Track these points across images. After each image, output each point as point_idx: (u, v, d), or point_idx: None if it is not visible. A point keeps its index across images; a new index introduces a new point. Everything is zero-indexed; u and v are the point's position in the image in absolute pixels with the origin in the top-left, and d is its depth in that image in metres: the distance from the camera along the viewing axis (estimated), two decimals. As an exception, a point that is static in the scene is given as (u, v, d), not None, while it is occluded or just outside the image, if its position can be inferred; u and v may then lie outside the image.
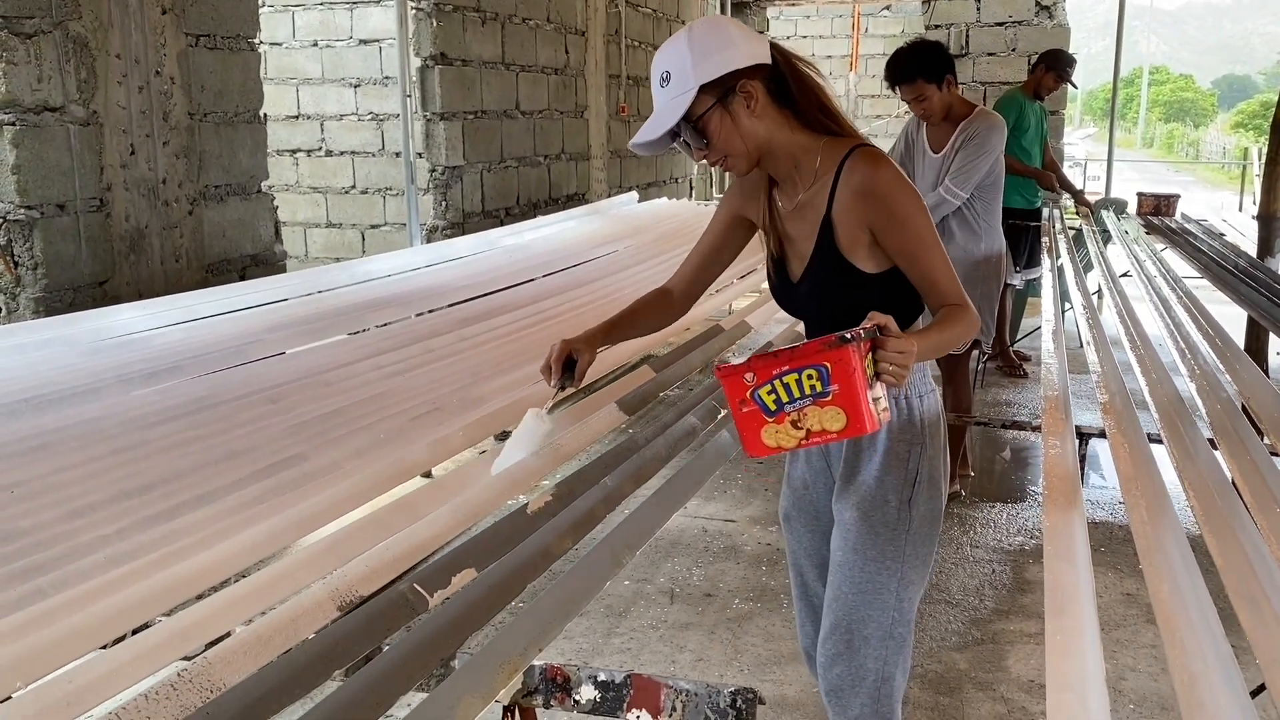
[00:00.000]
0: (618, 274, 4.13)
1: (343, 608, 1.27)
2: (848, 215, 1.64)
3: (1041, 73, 5.43)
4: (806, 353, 1.37)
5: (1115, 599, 3.24)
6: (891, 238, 1.63)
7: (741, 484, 4.29)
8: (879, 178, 1.62)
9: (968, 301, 1.65)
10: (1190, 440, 1.90)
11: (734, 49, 1.60)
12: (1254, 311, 3.49)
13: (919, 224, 1.62)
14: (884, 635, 1.72)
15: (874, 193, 1.61)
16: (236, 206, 3.85)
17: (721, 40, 1.60)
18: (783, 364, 1.38)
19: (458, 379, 2.52)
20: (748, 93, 1.61)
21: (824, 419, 1.40)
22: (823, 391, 1.38)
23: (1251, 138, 30.04)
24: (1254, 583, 1.31)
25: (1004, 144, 3.71)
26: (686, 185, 9.45)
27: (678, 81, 1.61)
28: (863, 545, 1.72)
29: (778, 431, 1.42)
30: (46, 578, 1.36)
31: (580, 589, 1.39)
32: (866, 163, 1.63)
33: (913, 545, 1.73)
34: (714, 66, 1.59)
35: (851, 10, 13.34)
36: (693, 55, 1.59)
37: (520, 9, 6.07)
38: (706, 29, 1.63)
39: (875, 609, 1.72)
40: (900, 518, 1.72)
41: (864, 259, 1.66)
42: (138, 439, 1.97)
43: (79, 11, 3.14)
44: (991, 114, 3.73)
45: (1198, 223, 6.54)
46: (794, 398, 1.39)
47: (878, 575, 1.72)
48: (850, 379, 1.37)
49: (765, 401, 1.41)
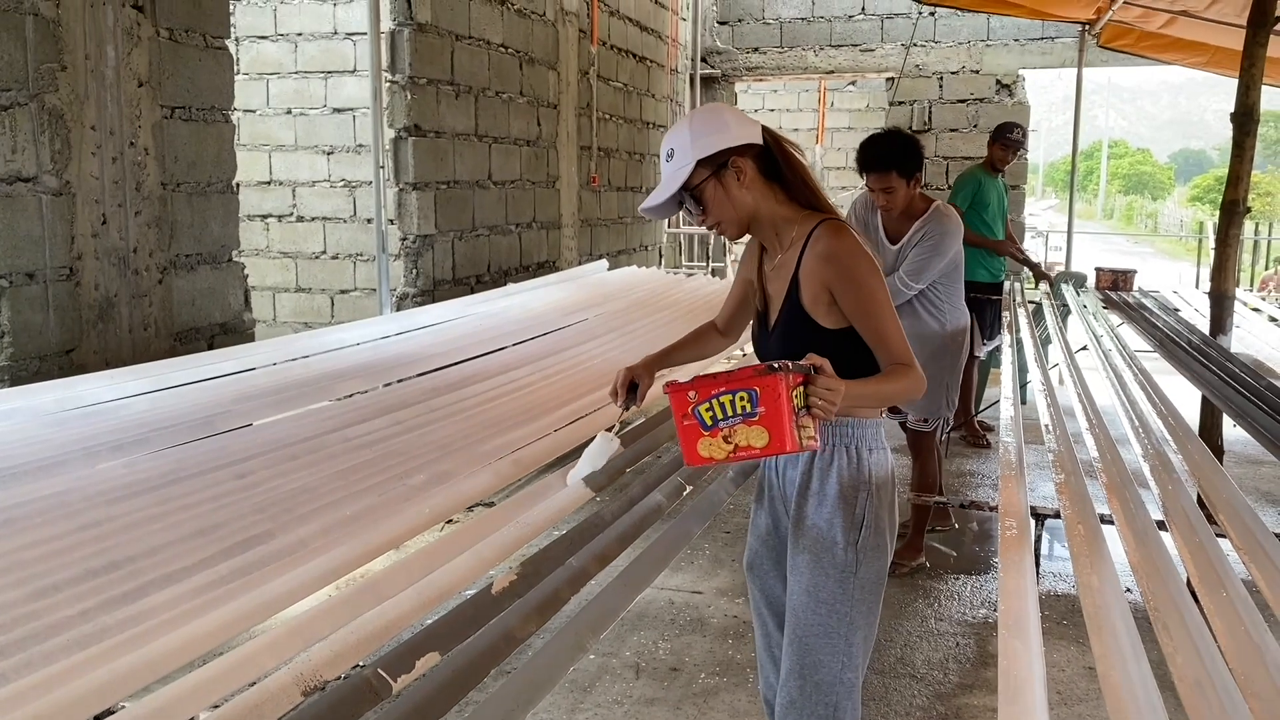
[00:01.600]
0: (588, 342, 4.17)
1: (307, 692, 1.28)
2: (811, 276, 1.88)
3: (990, 146, 5.63)
4: (741, 377, 1.60)
5: (1077, 672, 3.27)
6: (847, 299, 1.86)
7: (709, 554, 4.30)
8: (839, 246, 1.87)
9: (914, 362, 1.85)
10: (1141, 523, 1.95)
11: (728, 131, 1.89)
12: (1206, 390, 3.58)
13: (871, 287, 1.86)
14: (834, 680, 1.89)
15: (834, 258, 1.86)
16: (207, 275, 3.87)
17: (717, 124, 1.89)
18: (720, 385, 1.61)
19: (426, 452, 2.53)
20: (738, 167, 1.89)
21: (750, 436, 1.61)
22: (751, 412, 1.60)
23: (1207, 211, 30.82)
24: (1199, 666, 1.35)
25: (959, 241, 3.80)
26: (656, 253, 9.56)
27: (679, 157, 1.89)
28: (814, 587, 1.90)
29: (711, 444, 1.63)
30: (9, 661, 1.36)
31: (544, 676, 1.40)
32: (830, 233, 1.88)
33: (860, 590, 1.90)
34: (709, 144, 1.87)
35: (817, 86, 13.66)
36: (692, 135, 1.88)
37: (494, 82, 6.18)
38: (705, 115, 1.92)
39: (827, 654, 1.89)
40: (848, 559, 1.90)
41: (823, 316, 1.89)
42: (104, 514, 1.96)
43: (56, 84, 3.19)
44: (949, 214, 3.79)
45: (1153, 296, 6.70)
46: (727, 415, 1.61)
47: (828, 618, 1.90)
48: (776, 403, 1.58)
49: (703, 417, 1.62)
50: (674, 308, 5.20)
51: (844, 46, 10.03)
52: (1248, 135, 4.16)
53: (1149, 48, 7.67)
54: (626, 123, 8.54)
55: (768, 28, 10.26)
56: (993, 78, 9.73)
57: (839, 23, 10.03)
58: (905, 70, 9.64)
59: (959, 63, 9.78)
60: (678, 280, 6.51)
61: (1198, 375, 3.69)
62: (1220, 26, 6.20)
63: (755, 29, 10.31)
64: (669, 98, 9.68)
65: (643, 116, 8.95)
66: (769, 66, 10.33)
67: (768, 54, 10.27)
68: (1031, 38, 9.56)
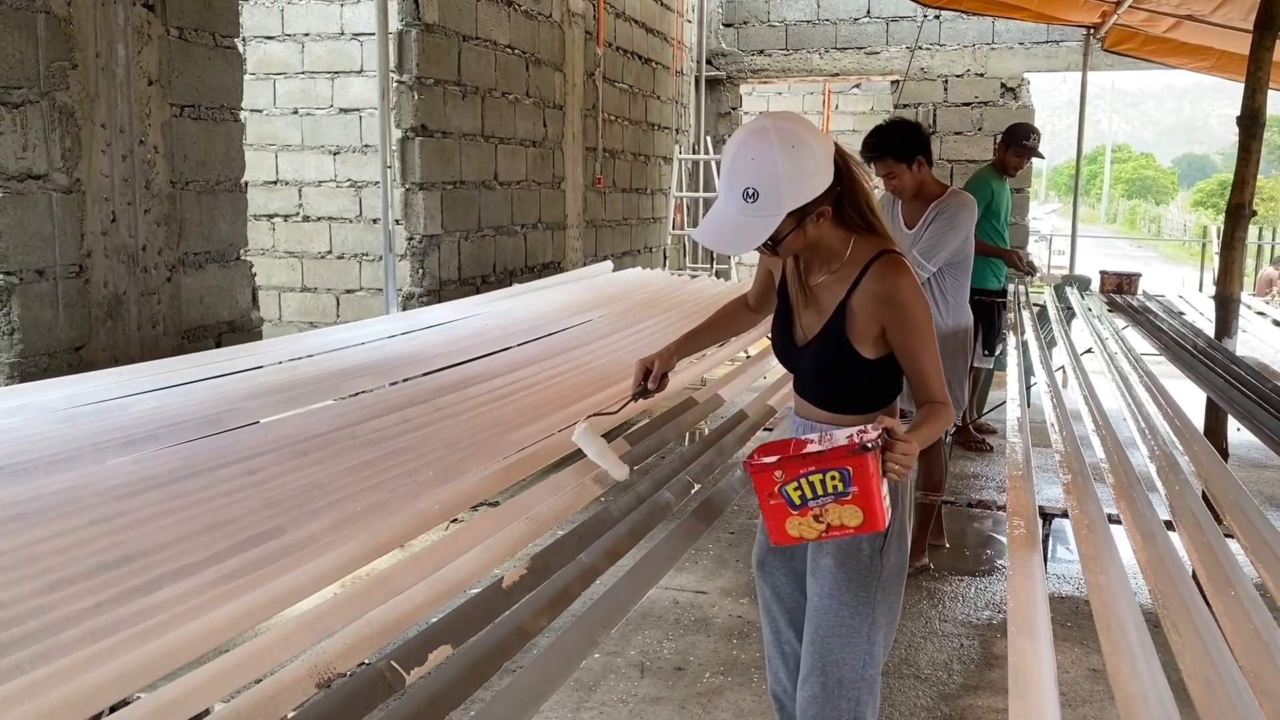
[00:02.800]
0: (593, 343, 4.18)
1: (321, 685, 1.29)
2: (864, 310, 1.86)
3: (1001, 150, 5.52)
4: (832, 456, 1.55)
5: (1081, 674, 3.27)
6: (898, 337, 1.86)
7: (713, 555, 4.31)
8: (900, 287, 1.84)
9: (949, 399, 1.88)
10: (1149, 522, 1.95)
11: (819, 176, 1.75)
12: (1212, 392, 3.58)
13: (925, 331, 1.86)
14: (856, 677, 1.92)
15: (894, 300, 1.84)
16: (215, 273, 3.89)
17: (810, 167, 1.73)
18: (810, 465, 1.56)
19: (433, 450, 2.54)
20: (822, 213, 1.79)
21: (844, 515, 1.58)
22: (844, 491, 1.56)
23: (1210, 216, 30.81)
24: (1209, 664, 1.35)
25: (974, 222, 3.83)
26: (660, 255, 9.58)
27: (765, 203, 1.72)
28: (838, 590, 1.93)
29: (800, 523, 1.60)
30: (25, 652, 1.36)
31: (556, 669, 1.41)
32: (893, 271, 1.84)
33: (883, 592, 1.94)
34: (802, 194, 1.74)
35: (822, 88, 13.66)
36: (782, 180, 1.71)
37: (500, 83, 6.20)
38: (798, 156, 1.72)
39: (849, 652, 1.92)
40: (873, 565, 1.92)
41: (867, 348, 1.89)
42: (115, 509, 1.97)
43: (67, 82, 3.20)
44: (964, 194, 3.85)
45: (1158, 300, 6.70)
46: (817, 495, 1.57)
47: (851, 619, 1.92)
48: (868, 483, 1.55)
49: (791, 496, 1.58)
50: (679, 309, 5.21)
51: (849, 49, 10.04)
52: (1253, 139, 4.16)
53: (1154, 51, 7.68)
54: (632, 124, 8.55)
55: (773, 30, 10.27)
56: (997, 81, 9.74)
57: (844, 25, 10.04)
58: (910, 73, 9.65)
59: (964, 66, 9.79)
60: (682, 281, 6.52)
61: (1203, 378, 3.69)
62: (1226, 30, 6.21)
63: (760, 31, 10.32)
64: (674, 99, 9.70)
65: (648, 118, 8.97)
66: (774, 69, 10.34)
67: (773, 56, 10.29)
68: (1037, 41, 9.57)
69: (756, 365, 3.93)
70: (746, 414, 3.19)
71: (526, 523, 1.90)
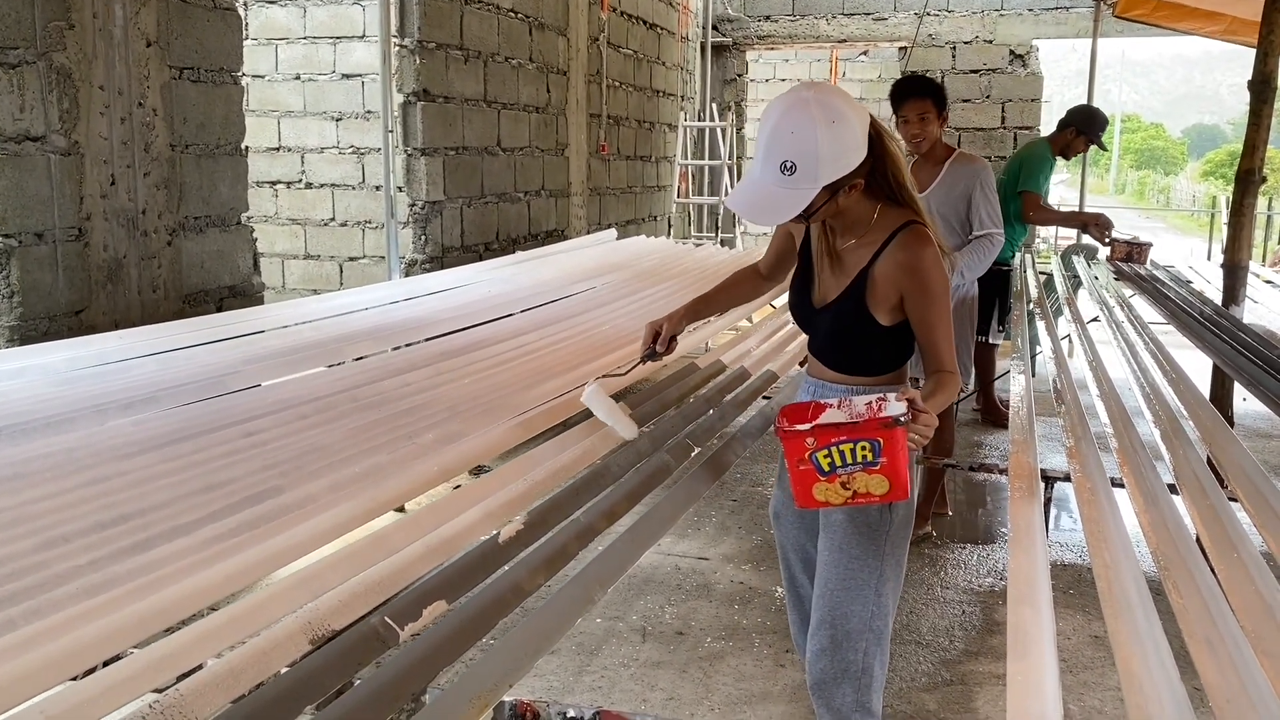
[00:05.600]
0: (596, 310, 4.16)
1: (314, 641, 1.28)
2: (886, 279, 1.91)
3: (1071, 135, 5.24)
4: (866, 428, 1.60)
5: (1083, 641, 3.27)
6: (916, 307, 1.92)
7: (715, 521, 4.31)
8: (923, 258, 1.88)
9: (957, 369, 1.95)
10: (1152, 486, 1.94)
11: (856, 151, 1.78)
12: (1219, 359, 3.56)
13: (942, 302, 1.92)
14: (864, 628, 1.99)
15: (916, 270, 1.88)
16: (215, 238, 3.87)
17: (848, 141, 1.76)
18: (842, 434, 1.61)
19: (434, 414, 2.53)
20: (855, 186, 1.84)
21: (870, 484, 1.64)
22: (873, 461, 1.62)
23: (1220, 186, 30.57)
24: (1210, 625, 1.34)
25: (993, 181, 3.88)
26: (665, 223, 9.53)
27: (803, 176, 1.75)
28: (847, 544, 1.99)
29: (828, 489, 1.65)
30: (18, 608, 1.36)
31: (552, 626, 1.40)
32: (917, 242, 1.89)
33: (890, 545, 2.00)
34: (839, 169, 1.77)
35: (829, 55, 13.54)
36: (821, 155, 1.73)
37: (503, 48, 6.14)
38: (837, 131, 1.74)
39: (857, 604, 1.98)
40: (882, 519, 1.99)
41: (884, 315, 1.94)
42: (113, 470, 1.97)
43: (64, 43, 3.17)
44: (974, 156, 3.89)
45: (1165, 269, 6.64)
46: (846, 463, 1.63)
47: (860, 572, 1.99)
48: (897, 455, 1.61)
49: (820, 463, 1.63)
50: (682, 276, 5.18)
51: (856, 15, 9.93)
52: (1265, 104, 4.11)
53: (1165, 17, 7.57)
54: (636, 90, 8.48)
55: (780, -4, 10.16)
56: (1006, 48, 9.64)
57: (852, -9, 9.93)
58: (918, 40, 9.55)
59: (972, 32, 9.68)
60: (687, 250, 6.49)
61: (1210, 345, 3.66)
62: (1239, -6, 6.11)
63: (767, -3, 10.21)
64: (679, 66, 9.61)
65: (653, 84, 8.89)
66: (781, 35, 10.24)
67: (780, 22, 10.18)
68: (1046, 7, 9.46)
69: (758, 331, 3.91)
70: (749, 373, 3.17)
71: (525, 483, 1.88)
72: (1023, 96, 9.66)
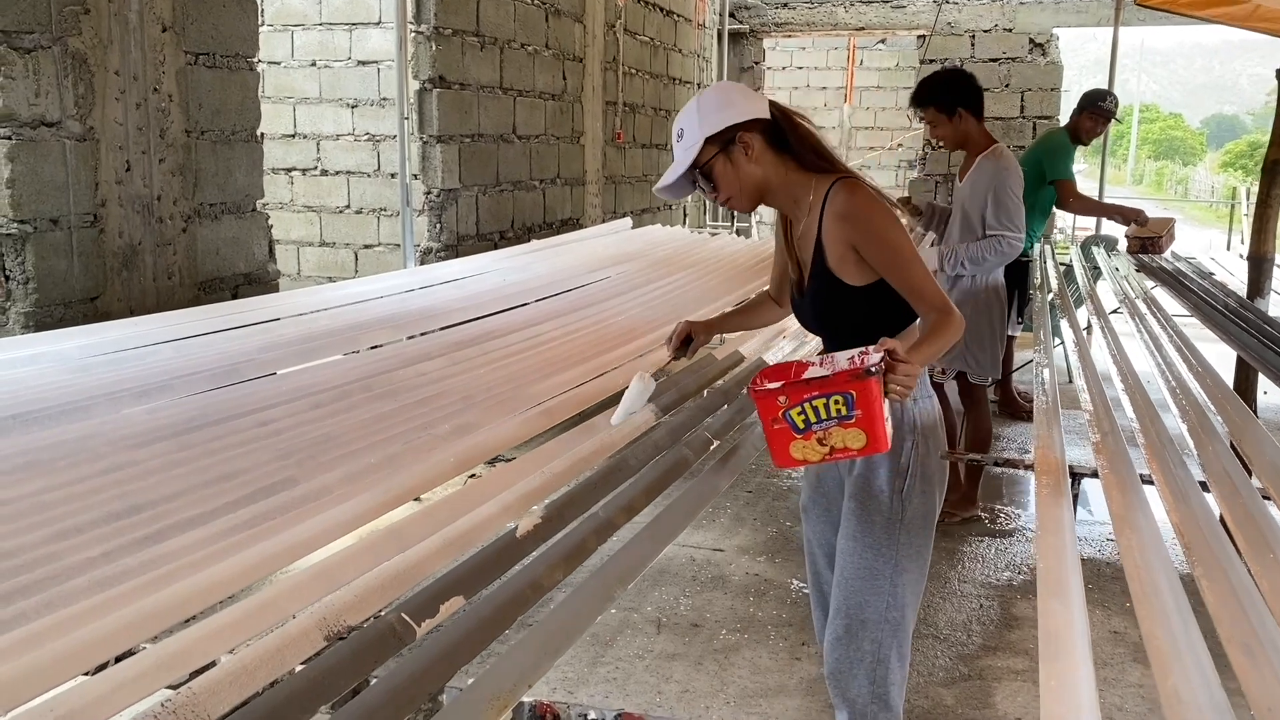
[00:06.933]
0: (611, 299, 4.12)
1: (330, 638, 1.26)
2: (832, 237, 1.91)
3: (1076, 117, 5.35)
4: (836, 381, 1.57)
5: (1102, 636, 3.23)
6: (871, 253, 1.89)
7: (730, 513, 4.28)
8: (853, 202, 1.89)
9: (949, 304, 1.85)
10: (1181, 482, 1.90)
11: (733, 108, 1.91)
12: (1244, 352, 3.50)
13: (892, 238, 1.88)
14: (879, 619, 1.96)
15: (850, 215, 1.89)
16: (231, 225, 3.85)
17: (723, 102, 1.92)
18: (813, 390, 1.57)
19: (449, 404, 2.50)
20: (745, 142, 1.91)
21: (847, 438, 1.59)
22: (847, 415, 1.58)
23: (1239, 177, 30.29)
24: (1248, 629, 1.30)
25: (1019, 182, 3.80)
26: (680, 213, 9.48)
27: (689, 136, 1.93)
28: (860, 533, 1.98)
29: (804, 447, 1.61)
30: (30, 601, 1.34)
31: (570, 623, 1.38)
32: (844, 191, 1.91)
33: (907, 535, 1.97)
34: (717, 121, 1.90)
35: (847, 43, 13.44)
36: (699, 115, 1.92)
37: (519, 35, 6.10)
38: (712, 94, 1.96)
39: (872, 594, 1.97)
40: (894, 507, 1.96)
41: (851, 274, 1.92)
42: (127, 459, 1.95)
43: (79, 28, 3.15)
44: (1004, 154, 3.82)
45: (1187, 261, 6.55)
46: (821, 419, 1.59)
47: (874, 562, 1.97)
48: (872, 406, 1.57)
49: (795, 420, 1.59)
50: (697, 267, 5.14)
51: (874, 3, 9.84)
52: (1293, 93, 4.04)
53: (1188, 5, 7.47)
54: (653, 78, 8.43)
55: (797, -17, 10.08)
56: (1025, 36, 9.54)
57: (870, -22, 9.84)
58: (936, 27, 9.45)
59: (991, 20, 9.58)
60: (702, 240, 6.44)
61: (1234, 338, 3.61)
62: (1265, -19, 6.01)
63: (784, -16, 10.13)
64: (696, 53, 9.55)
65: (669, 72, 8.83)
66: (798, 22, 10.15)
67: (797, 9, 10.10)
68: (1067, -5, 9.35)
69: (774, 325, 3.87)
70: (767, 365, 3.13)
71: (543, 475, 1.86)
72: (1042, 86, 9.55)
